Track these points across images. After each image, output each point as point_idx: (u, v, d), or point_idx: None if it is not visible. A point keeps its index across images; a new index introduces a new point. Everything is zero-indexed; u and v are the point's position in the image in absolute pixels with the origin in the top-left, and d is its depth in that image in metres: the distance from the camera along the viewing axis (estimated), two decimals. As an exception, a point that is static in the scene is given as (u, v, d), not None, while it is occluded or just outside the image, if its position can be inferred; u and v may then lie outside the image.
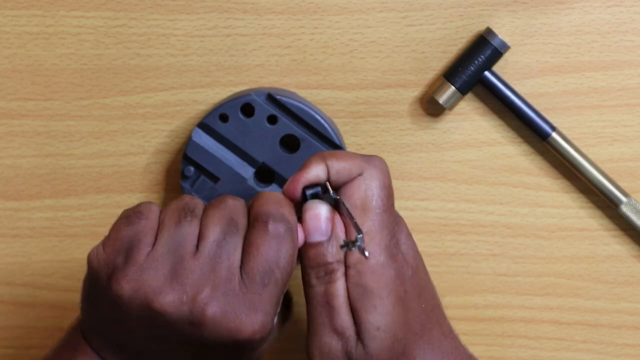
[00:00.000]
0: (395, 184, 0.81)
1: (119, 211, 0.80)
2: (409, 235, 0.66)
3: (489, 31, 0.79)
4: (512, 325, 0.83)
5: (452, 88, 0.79)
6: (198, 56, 0.80)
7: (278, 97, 0.77)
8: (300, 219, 0.65)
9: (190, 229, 0.62)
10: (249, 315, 0.61)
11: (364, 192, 0.64)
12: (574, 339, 0.82)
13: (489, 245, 0.82)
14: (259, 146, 0.78)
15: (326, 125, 0.78)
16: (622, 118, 0.81)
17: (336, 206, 0.65)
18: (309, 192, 0.64)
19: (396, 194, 0.81)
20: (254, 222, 0.63)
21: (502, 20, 0.80)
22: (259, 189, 0.78)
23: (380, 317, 0.63)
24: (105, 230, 0.82)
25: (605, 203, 0.81)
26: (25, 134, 0.81)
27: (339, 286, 0.64)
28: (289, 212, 0.63)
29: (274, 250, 0.62)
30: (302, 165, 0.65)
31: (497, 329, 0.83)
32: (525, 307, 0.82)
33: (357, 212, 0.64)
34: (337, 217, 0.65)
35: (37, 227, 0.82)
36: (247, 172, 0.78)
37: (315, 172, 0.64)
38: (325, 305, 0.64)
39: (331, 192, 0.64)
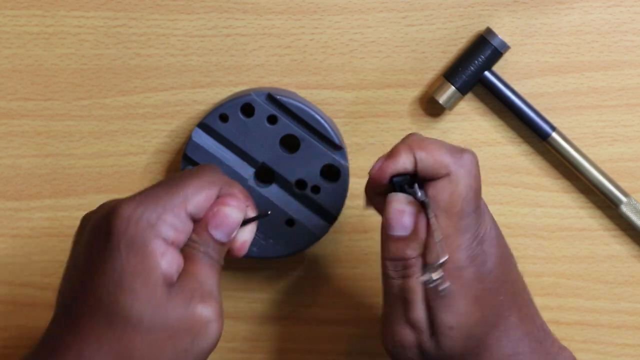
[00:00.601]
0: (395, 184, 0.81)
1: (119, 211, 0.80)
2: (493, 226, 0.66)
3: (489, 31, 0.79)
4: (512, 325, 0.83)
5: (452, 88, 0.79)
6: (198, 56, 0.80)
7: (278, 97, 0.77)
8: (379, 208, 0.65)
9: None
10: (122, 201, 0.61)
11: (449, 196, 0.63)
12: (574, 339, 0.82)
13: (489, 245, 0.82)
14: (259, 146, 0.78)
15: (326, 125, 0.78)
16: (622, 118, 0.81)
17: (422, 205, 0.64)
18: (396, 180, 0.63)
19: (396, 194, 0.81)
20: None
21: (502, 20, 0.80)
22: (259, 189, 0.78)
23: (454, 316, 0.64)
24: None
25: (605, 203, 0.81)
26: (25, 134, 0.81)
27: (416, 281, 0.64)
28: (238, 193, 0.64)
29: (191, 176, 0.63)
30: (390, 152, 0.64)
31: (497, 329, 0.83)
32: (525, 307, 0.82)
33: (440, 214, 0.63)
34: (421, 214, 0.64)
35: (37, 227, 0.82)
36: (247, 172, 0.78)
37: (403, 162, 0.63)
38: (401, 298, 0.64)
39: (419, 193, 0.63)
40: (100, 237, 0.61)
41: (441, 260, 0.62)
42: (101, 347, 0.60)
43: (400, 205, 0.64)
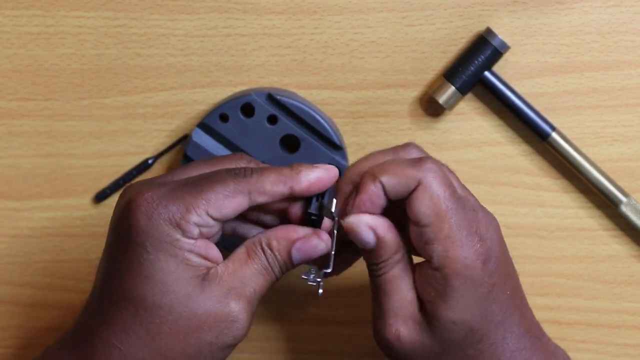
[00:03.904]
0: (395, 184, 0.81)
1: (119, 211, 0.80)
2: (489, 220, 0.67)
3: (489, 31, 0.79)
4: (512, 325, 0.83)
5: (452, 88, 0.79)
6: (198, 56, 0.80)
7: (278, 97, 0.77)
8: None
9: None
10: (145, 191, 0.63)
11: (430, 201, 0.64)
12: (573, 339, 0.82)
13: (489, 245, 0.82)
14: (259, 146, 0.78)
15: (326, 125, 0.78)
16: (622, 118, 0.81)
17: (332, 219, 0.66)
18: (313, 209, 0.65)
19: (396, 193, 0.81)
20: None
21: (502, 20, 0.80)
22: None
23: (458, 313, 0.64)
24: (105, 230, 0.83)
25: (605, 203, 0.81)
26: (26, 134, 0.81)
27: (398, 272, 0.66)
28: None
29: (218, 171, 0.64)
30: (360, 187, 0.65)
31: (497, 328, 0.83)
32: (525, 307, 0.82)
33: (433, 221, 0.64)
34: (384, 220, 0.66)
35: (38, 227, 0.82)
36: (247, 172, 0.78)
37: (372, 191, 0.65)
38: (384, 289, 0.66)
39: (332, 208, 0.65)
40: (122, 229, 0.63)
41: (327, 270, 0.65)
42: (129, 336, 0.62)
43: (362, 222, 0.66)
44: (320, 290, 0.66)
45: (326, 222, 0.66)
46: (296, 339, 0.83)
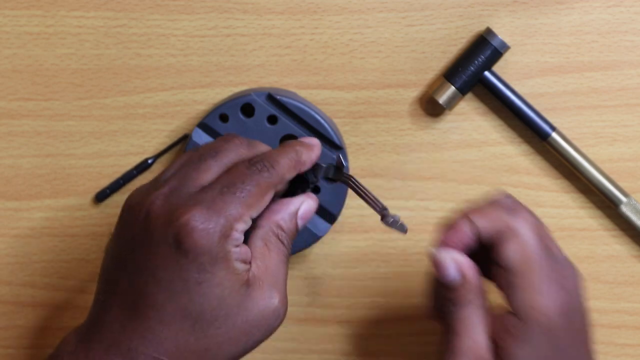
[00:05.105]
0: (395, 184, 0.81)
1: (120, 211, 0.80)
2: (573, 273, 0.67)
3: (489, 31, 0.79)
4: (512, 325, 0.83)
5: (452, 88, 0.79)
6: (198, 56, 0.80)
7: (278, 97, 0.77)
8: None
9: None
10: (190, 208, 0.63)
11: (522, 248, 0.64)
12: (574, 339, 0.82)
13: (489, 245, 0.82)
14: (259, 146, 0.78)
15: (326, 125, 0.78)
16: (622, 118, 0.81)
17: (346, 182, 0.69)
18: (310, 178, 0.69)
19: (396, 193, 0.81)
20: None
21: (502, 20, 0.80)
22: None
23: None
24: (105, 230, 0.83)
25: (605, 203, 0.81)
26: (26, 134, 0.81)
27: (470, 312, 0.66)
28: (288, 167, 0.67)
29: (246, 174, 0.65)
30: (450, 224, 0.66)
31: (497, 329, 0.83)
32: (525, 307, 0.82)
33: (521, 269, 0.64)
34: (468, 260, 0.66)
35: (37, 227, 0.82)
36: (247, 172, 0.78)
37: (463, 230, 0.65)
38: (454, 328, 0.66)
39: (345, 163, 0.68)
40: (172, 248, 0.62)
41: (383, 208, 0.68)
42: (179, 347, 0.63)
43: (445, 259, 0.66)
44: (406, 226, 0.67)
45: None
46: (296, 339, 0.83)
